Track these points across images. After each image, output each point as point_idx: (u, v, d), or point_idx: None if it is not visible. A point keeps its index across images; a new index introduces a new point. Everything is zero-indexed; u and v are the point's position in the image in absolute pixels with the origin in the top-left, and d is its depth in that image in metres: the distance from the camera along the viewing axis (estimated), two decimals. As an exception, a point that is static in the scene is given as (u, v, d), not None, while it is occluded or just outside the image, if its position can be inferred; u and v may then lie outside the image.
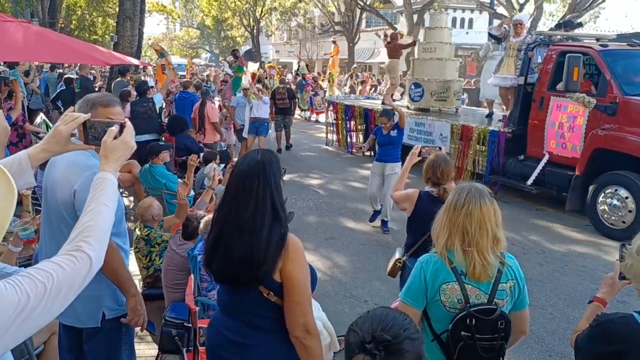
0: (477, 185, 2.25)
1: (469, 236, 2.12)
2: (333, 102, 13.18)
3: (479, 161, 8.69)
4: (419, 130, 9.99)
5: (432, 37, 11.00)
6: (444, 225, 2.19)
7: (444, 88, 10.60)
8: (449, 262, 2.15)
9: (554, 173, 7.58)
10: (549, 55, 7.79)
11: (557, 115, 7.46)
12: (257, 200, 1.97)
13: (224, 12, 39.34)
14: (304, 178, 9.84)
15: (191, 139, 7.81)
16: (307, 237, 6.59)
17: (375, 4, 30.21)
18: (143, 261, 4.55)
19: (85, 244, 1.35)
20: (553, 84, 7.56)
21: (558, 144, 7.49)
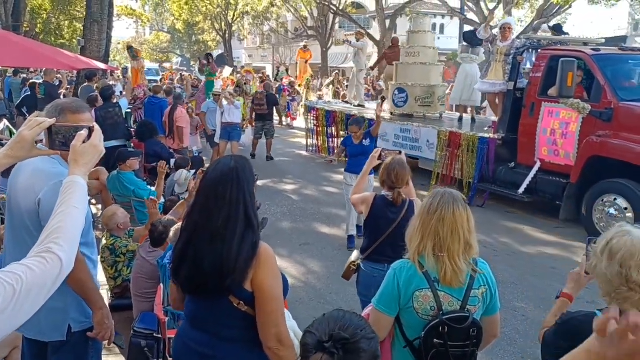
0: (451, 190, 2.25)
1: (440, 241, 2.11)
2: (313, 107, 12.81)
3: (468, 169, 8.41)
4: (404, 137, 9.72)
5: (415, 41, 10.77)
6: (417, 230, 2.18)
7: (429, 93, 10.36)
8: (420, 267, 2.14)
9: (546, 181, 7.37)
10: (539, 59, 7.63)
11: (549, 122, 7.24)
12: (230, 208, 1.93)
13: (195, 16, 38.99)
14: (277, 183, 9.78)
15: (161, 145, 7.68)
16: (281, 243, 6.54)
17: (348, 9, 30.40)
18: (110, 271, 4.42)
19: (55, 245, 1.35)
20: (544, 89, 7.38)
21: (550, 151, 7.26)
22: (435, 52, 10.83)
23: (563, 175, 7.14)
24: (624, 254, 1.64)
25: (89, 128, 1.70)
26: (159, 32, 53.20)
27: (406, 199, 3.38)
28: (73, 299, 2.34)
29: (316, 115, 12.38)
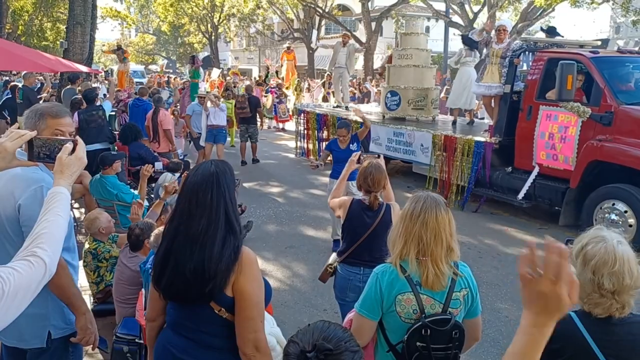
0: (433, 194, 2.27)
1: (424, 245, 2.12)
2: (304, 110, 12.49)
3: (463, 173, 8.24)
4: (397, 140, 9.50)
5: (408, 43, 10.60)
6: (400, 234, 2.19)
7: (422, 96, 10.23)
8: (402, 271, 2.15)
9: (545, 186, 7.18)
10: (536, 62, 7.45)
11: (546, 125, 7.06)
12: (210, 213, 1.93)
13: (181, 17, 38.80)
14: (263, 186, 9.75)
15: (145, 148, 7.61)
16: (267, 247, 6.52)
17: (334, 11, 30.47)
18: (92, 276, 4.37)
19: (39, 249, 1.44)
20: (542, 92, 7.22)
21: (549, 156, 7.07)
22: (428, 55, 10.71)
23: (562, 180, 6.99)
24: (598, 262, 1.66)
25: (73, 141, 1.81)
26: (145, 34, 52.84)
27: (383, 203, 3.40)
28: (54, 305, 2.32)
29: (306, 119, 12.15)
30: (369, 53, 26.93)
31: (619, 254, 1.67)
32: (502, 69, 7.86)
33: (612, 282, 1.65)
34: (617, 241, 1.71)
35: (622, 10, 16.09)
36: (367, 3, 25.84)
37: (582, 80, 6.89)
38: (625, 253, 1.69)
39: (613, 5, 16.83)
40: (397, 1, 24.57)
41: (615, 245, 1.69)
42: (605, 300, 1.69)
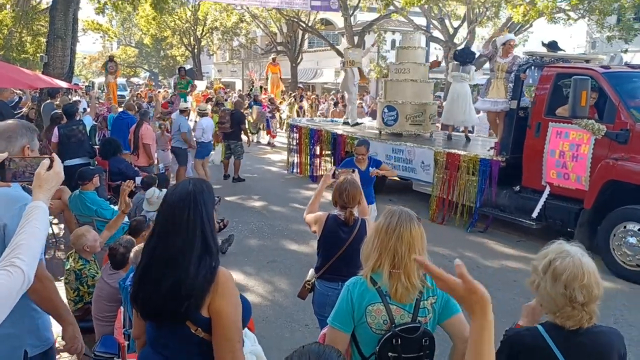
0: (407, 209, 2.31)
1: (398, 259, 2.16)
2: (296, 125, 12.16)
3: (468, 192, 7.93)
4: (396, 157, 9.20)
5: (405, 57, 10.37)
6: (375, 247, 2.22)
7: (420, 111, 10.03)
8: (373, 282, 2.19)
9: (556, 206, 6.85)
10: (545, 77, 7.18)
11: (557, 143, 6.75)
12: (187, 232, 1.93)
13: (164, 30, 38.74)
14: (245, 200, 9.73)
15: (125, 162, 7.55)
16: (248, 261, 6.51)
17: (317, 26, 30.70)
18: (71, 294, 4.31)
19: (17, 259, 1.49)
20: (550, 109, 6.95)
21: (559, 175, 6.77)
22: (425, 69, 10.51)
23: (574, 201, 6.67)
24: (568, 276, 1.72)
25: (49, 157, 1.87)
26: (127, 46, 52.59)
27: (358, 218, 3.42)
28: (30, 324, 2.33)
29: (299, 134, 11.82)
30: (351, 67, 27.14)
31: (585, 267, 1.74)
32: (508, 84, 7.64)
33: (584, 294, 1.71)
34: (580, 254, 1.77)
35: (597, 27, 16.52)
36: (349, 18, 26.11)
37: (595, 97, 6.62)
38: (590, 265, 1.76)
39: (588, 22, 17.26)
40: (379, 16, 24.86)
41: (580, 258, 1.75)
42: (577, 313, 1.76)
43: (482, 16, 19.26)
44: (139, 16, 34.27)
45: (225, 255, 6.60)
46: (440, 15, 20.42)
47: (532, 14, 15.78)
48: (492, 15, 19.18)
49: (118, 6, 22.45)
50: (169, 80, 47.62)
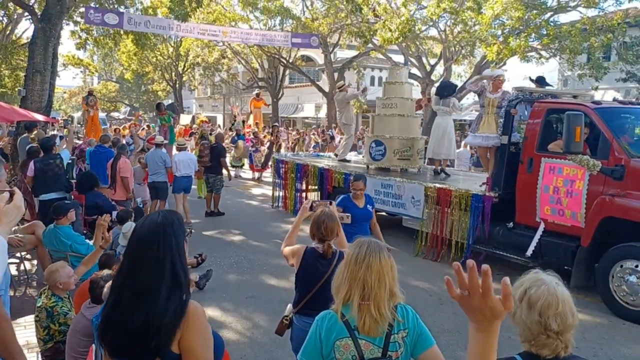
0: (376, 240, 2.32)
1: (368, 289, 2.14)
2: (282, 160, 11.97)
3: (460, 228, 7.78)
4: (385, 192, 9.05)
5: (392, 92, 10.36)
6: (345, 279, 2.20)
7: (408, 146, 9.97)
8: (341, 316, 2.16)
9: (551, 244, 6.69)
10: (536, 112, 7.11)
11: (550, 179, 6.66)
12: (156, 266, 1.88)
13: (145, 66, 38.93)
14: (225, 234, 9.63)
15: (103, 197, 7.46)
16: (227, 297, 6.39)
17: (298, 62, 31.22)
18: (41, 333, 4.15)
19: None
20: (542, 144, 6.89)
21: (554, 211, 6.63)
22: (412, 104, 10.51)
23: (570, 238, 6.53)
24: (543, 304, 1.73)
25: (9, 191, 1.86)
26: (108, 81, 52.63)
27: (336, 251, 3.38)
28: None
29: (285, 168, 11.67)
30: (331, 102, 27.56)
31: (560, 295, 1.75)
32: (499, 119, 7.63)
33: (558, 322, 1.72)
34: (555, 283, 1.79)
35: (569, 65, 17.12)
36: (329, 55, 26.65)
37: (587, 132, 6.53)
38: (565, 294, 1.77)
39: (560, 60, 17.89)
40: (358, 53, 25.42)
41: (555, 287, 1.76)
42: (552, 341, 1.76)
43: (458, 54, 19.82)
44: (121, 51, 34.48)
45: (203, 291, 6.48)
46: (418, 53, 20.96)
47: (506, 53, 16.31)
48: (467, 53, 19.76)
49: (99, 42, 22.60)
50: (149, 114, 47.62)
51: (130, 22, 17.65)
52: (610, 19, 15.98)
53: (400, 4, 17.85)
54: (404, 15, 17.08)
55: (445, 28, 18.95)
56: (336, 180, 10.05)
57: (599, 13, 16.65)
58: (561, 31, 15.84)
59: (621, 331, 5.65)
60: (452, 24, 18.31)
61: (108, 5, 19.38)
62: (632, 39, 16.63)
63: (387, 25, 17.37)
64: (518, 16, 15.69)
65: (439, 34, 19.41)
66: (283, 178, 11.76)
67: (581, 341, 5.31)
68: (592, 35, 15.96)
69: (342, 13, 21.49)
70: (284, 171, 11.70)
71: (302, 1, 25.72)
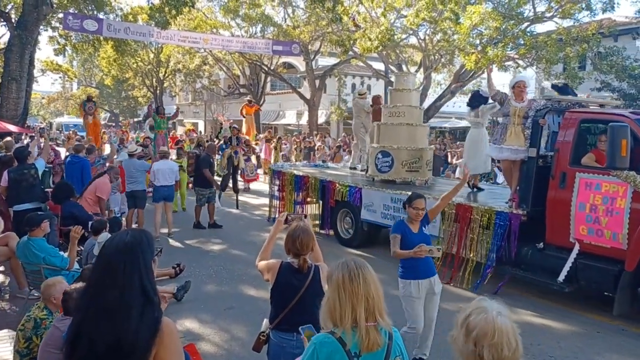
0: (355, 257, 2.33)
1: (372, 301, 2.15)
2: (279, 171, 11.14)
3: (480, 248, 7.13)
4: (396, 207, 8.29)
5: (399, 100, 9.76)
6: (345, 301, 2.14)
7: (416, 157, 9.35)
8: (342, 343, 2.12)
9: (589, 267, 6.10)
10: (568, 123, 6.56)
11: (587, 196, 6.10)
12: (124, 284, 1.87)
13: (125, 72, 38.59)
14: (204, 244, 9.56)
15: (79, 207, 7.35)
16: (205, 308, 6.34)
17: (279, 69, 31.25)
18: (21, 344, 4.04)
19: None
20: (576, 157, 6.36)
21: (591, 231, 6.06)
22: (420, 113, 9.99)
23: (610, 261, 5.97)
24: (478, 333, 1.68)
25: None
26: (87, 87, 52.00)
27: (312, 265, 3.35)
28: None
29: (282, 180, 10.88)
30: (313, 109, 27.63)
31: (497, 326, 1.68)
32: (526, 130, 7.02)
33: (492, 353, 1.65)
34: (496, 312, 1.72)
35: (545, 74, 17.44)
36: (310, 62, 26.74)
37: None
38: (505, 324, 1.69)
39: (536, 70, 18.21)
40: (339, 61, 25.55)
41: (494, 317, 1.70)
42: None
43: (438, 63, 20.04)
44: (101, 57, 34.15)
45: (181, 302, 6.42)
46: (398, 61, 21.15)
47: (484, 62, 16.53)
48: (447, 62, 20.00)
49: (78, 48, 22.37)
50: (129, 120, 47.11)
51: (109, 29, 17.53)
52: (585, 29, 16.33)
53: (380, 14, 18.01)
54: (384, 24, 17.23)
55: (424, 37, 19.16)
56: (339, 193, 9.45)
57: (574, 24, 17.01)
58: (537, 41, 16.13)
59: (596, 339, 5.73)
60: (432, 33, 18.53)
61: (87, 12, 19.23)
62: (606, 49, 17.00)
63: (367, 34, 17.50)
64: (495, 26, 15.94)
65: (418, 42, 19.62)
66: (280, 190, 10.99)
67: (556, 349, 5.40)
68: (567, 46, 16.29)
69: (323, 21, 21.59)
70: (281, 183, 10.93)
71: (284, 9, 25.78)
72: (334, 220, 9.77)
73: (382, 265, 7.97)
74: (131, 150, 10.01)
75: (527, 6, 16.77)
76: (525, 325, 5.79)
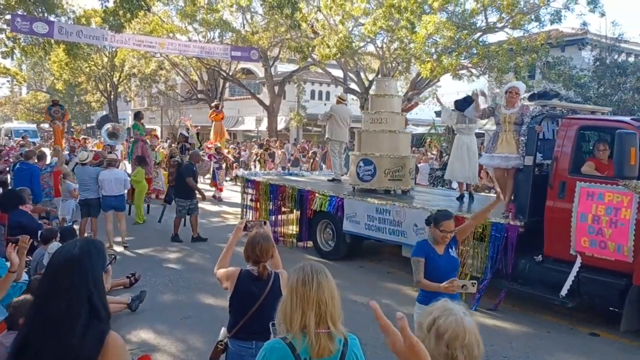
0: (313, 262, 2.32)
1: (324, 307, 2.12)
2: (252, 180, 10.60)
3: (476, 262, 6.86)
4: (381, 218, 8.01)
5: (380, 105, 9.36)
6: (296, 304, 2.14)
7: (399, 165, 9.02)
8: (292, 348, 2.11)
9: (593, 281, 5.86)
10: (566, 130, 6.33)
11: (588, 206, 5.84)
12: (70, 297, 1.82)
13: (78, 76, 37.47)
14: (161, 252, 9.36)
15: (27, 215, 7.07)
16: (161, 318, 6.21)
17: (238, 75, 31.06)
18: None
19: None
20: (576, 166, 6.14)
21: (593, 243, 5.81)
22: (403, 119, 9.60)
23: (615, 274, 5.73)
24: (451, 335, 1.71)
25: None
26: (37, 91, 50.16)
27: (272, 272, 3.34)
28: None
29: (256, 189, 10.40)
30: (272, 115, 27.60)
31: (467, 326, 1.73)
32: (518, 137, 6.81)
33: (464, 354, 1.70)
34: (463, 313, 1.77)
35: (497, 83, 18.04)
36: (269, 68, 26.73)
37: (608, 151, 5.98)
38: (472, 324, 1.76)
39: (489, 78, 18.82)
40: (298, 67, 25.64)
41: (462, 317, 1.75)
42: None
43: (395, 70, 20.41)
44: (52, 61, 33.04)
45: (136, 313, 6.26)
46: (356, 68, 21.41)
47: (439, 70, 16.98)
48: (404, 69, 20.40)
49: (28, 51, 21.57)
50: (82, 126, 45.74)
51: (61, 32, 17.01)
52: (534, 40, 17.00)
53: (338, 21, 18.21)
54: (342, 32, 17.42)
55: (382, 45, 19.48)
56: (318, 203, 9.00)
57: (524, 34, 17.69)
58: (490, 51, 16.69)
59: (547, 340, 5.94)
60: (389, 41, 18.87)
61: (37, 14, 18.59)
62: (554, 59, 17.73)
63: (326, 41, 17.66)
64: (450, 36, 16.40)
65: (376, 50, 19.93)
66: (254, 200, 10.52)
67: (508, 350, 5.56)
68: (517, 55, 16.92)
69: (282, 27, 21.63)
70: (255, 192, 10.44)
71: (242, 14, 25.69)
72: (314, 231, 9.32)
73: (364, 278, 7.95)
74: (82, 159, 9.68)
75: (480, 17, 17.36)
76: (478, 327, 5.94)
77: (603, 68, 17.67)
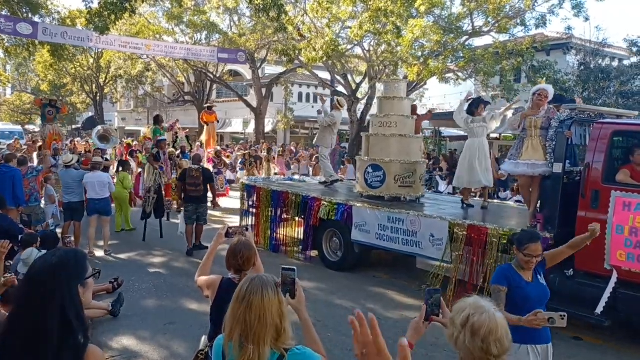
0: (264, 275, 2.21)
1: (247, 328, 2.04)
2: (253, 186, 10.18)
3: None
4: (394, 228, 7.67)
5: (390, 109, 9.00)
6: (229, 316, 2.12)
7: (410, 171, 8.67)
8: (224, 355, 2.13)
9: (632, 298, 5.49)
10: (599, 136, 5.93)
11: (625, 217, 5.49)
12: (45, 311, 1.78)
13: (63, 77, 37.07)
14: (145, 257, 9.27)
15: (8, 219, 6.93)
16: (144, 324, 6.15)
17: (225, 77, 30.93)
18: None
19: None
20: (610, 174, 5.79)
21: (631, 257, 5.46)
22: (413, 123, 9.18)
23: None
24: (486, 331, 1.89)
25: None
26: (22, 92, 49.51)
27: None
28: None
29: (257, 196, 10.00)
30: (260, 117, 27.51)
31: (499, 322, 1.92)
32: (545, 142, 6.54)
33: (498, 347, 1.89)
34: (494, 309, 1.96)
35: (483, 86, 18.15)
36: (257, 70, 26.66)
37: None
38: (502, 320, 1.95)
39: (475, 82, 18.93)
40: (286, 69, 25.59)
41: (494, 314, 1.94)
42: None
43: (382, 73, 20.44)
44: (36, 62, 32.67)
45: (118, 319, 6.20)
46: (344, 71, 21.40)
47: (425, 74, 17.05)
48: (391, 72, 20.44)
49: (12, 52, 21.30)
50: (67, 128, 45.26)
51: (45, 33, 16.83)
52: (520, 44, 17.13)
53: (325, 25, 18.21)
54: (328, 35, 17.43)
55: (369, 48, 19.51)
56: (325, 211, 8.67)
57: (510, 38, 17.81)
58: (476, 54, 16.79)
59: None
60: (376, 45, 18.90)
61: (21, 15, 18.38)
62: (539, 62, 17.88)
63: (312, 44, 17.65)
64: (436, 39, 16.47)
65: (363, 53, 19.95)
66: (255, 207, 10.07)
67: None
68: (503, 59, 17.05)
69: (269, 30, 21.57)
70: (256, 199, 10.00)
71: (229, 16, 25.59)
72: (319, 241, 8.95)
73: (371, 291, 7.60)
74: (66, 161, 9.55)
75: (466, 21, 17.43)
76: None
77: (587, 72, 17.89)
